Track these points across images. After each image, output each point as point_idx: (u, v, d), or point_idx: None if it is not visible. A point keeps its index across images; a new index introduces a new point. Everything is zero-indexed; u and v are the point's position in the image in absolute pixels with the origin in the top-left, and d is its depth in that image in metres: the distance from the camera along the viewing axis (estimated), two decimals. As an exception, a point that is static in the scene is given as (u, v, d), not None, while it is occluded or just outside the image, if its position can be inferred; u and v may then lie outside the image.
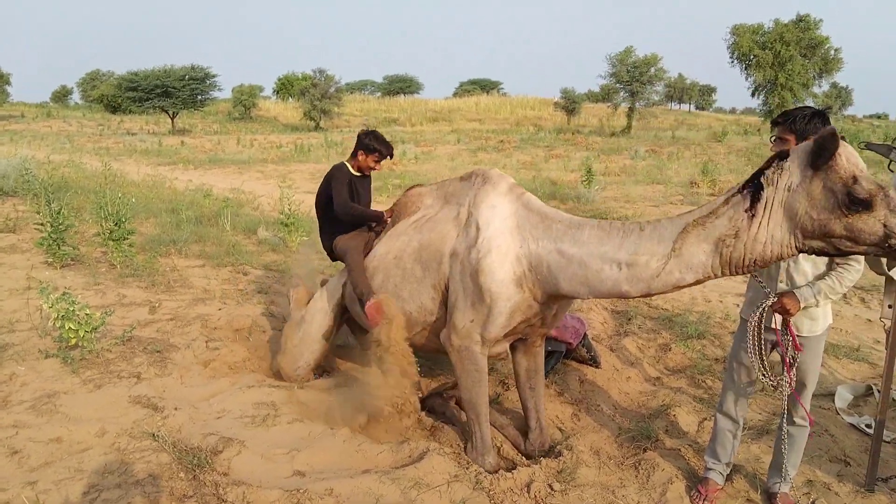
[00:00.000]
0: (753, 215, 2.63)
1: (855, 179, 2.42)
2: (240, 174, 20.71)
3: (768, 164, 2.63)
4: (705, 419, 4.20)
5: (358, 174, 4.54)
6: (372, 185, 4.72)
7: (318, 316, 4.53)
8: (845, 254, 2.57)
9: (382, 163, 4.55)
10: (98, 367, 4.44)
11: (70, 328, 4.40)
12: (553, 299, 3.42)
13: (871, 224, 2.43)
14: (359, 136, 4.51)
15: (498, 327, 3.43)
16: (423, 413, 4.17)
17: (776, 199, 2.59)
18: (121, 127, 47.20)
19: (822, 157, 2.46)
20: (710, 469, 3.44)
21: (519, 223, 3.43)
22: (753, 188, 2.65)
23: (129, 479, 3.21)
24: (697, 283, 2.85)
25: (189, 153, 28.15)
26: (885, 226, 2.41)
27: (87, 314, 4.47)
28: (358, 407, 4.02)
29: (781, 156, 2.61)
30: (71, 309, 4.39)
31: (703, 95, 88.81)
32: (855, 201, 2.42)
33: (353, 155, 4.51)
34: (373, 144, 4.45)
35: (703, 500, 3.36)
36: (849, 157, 2.45)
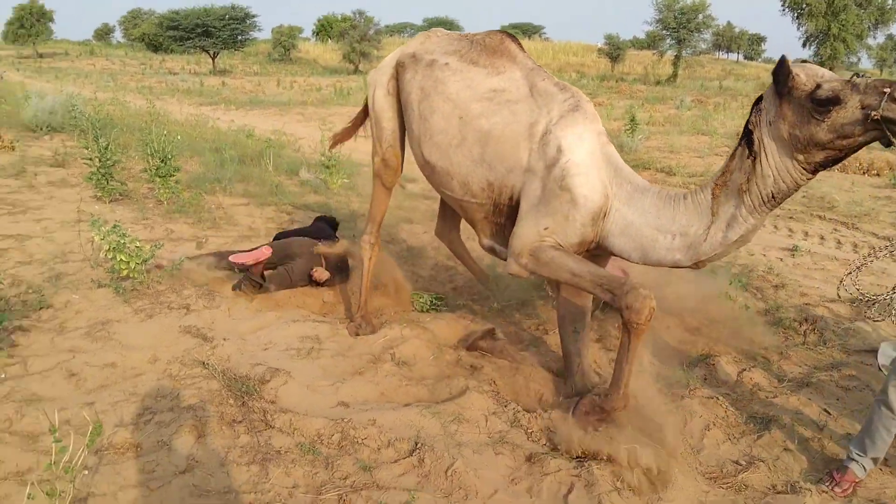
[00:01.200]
0: (754, 158, 2.94)
1: (818, 86, 2.67)
2: (280, 116, 20.78)
3: (751, 112, 2.97)
4: (744, 370, 4.20)
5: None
6: None
7: None
8: (849, 151, 2.75)
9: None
10: (148, 297, 4.58)
11: (121, 260, 4.53)
12: (601, 251, 3.55)
13: (849, 114, 2.62)
14: None
15: (575, 238, 3.41)
16: (465, 352, 4.23)
17: (765, 136, 2.89)
18: (162, 66, 47.43)
19: (780, 82, 2.77)
20: (853, 459, 3.14)
21: (598, 166, 3.42)
22: (747, 136, 2.98)
23: (181, 404, 3.35)
24: (741, 240, 3.10)
25: (230, 94, 28.28)
26: (861, 108, 2.58)
27: (137, 247, 4.59)
28: None
29: (757, 100, 2.96)
30: (122, 241, 4.51)
31: (751, 45, 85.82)
32: (822, 103, 2.64)
33: None
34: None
35: (835, 485, 3.11)
36: (808, 73, 2.73)
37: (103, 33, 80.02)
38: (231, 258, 4.76)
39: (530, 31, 79.84)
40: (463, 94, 3.79)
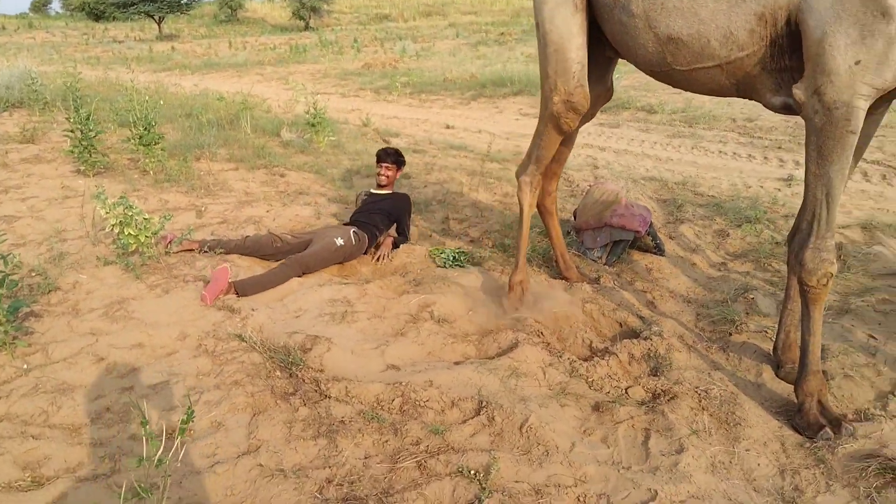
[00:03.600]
0: None
1: None
2: (239, 77, 20.17)
3: None
4: (782, 301, 4.15)
5: (376, 189, 5.35)
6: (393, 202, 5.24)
7: None
8: None
9: (391, 168, 5.29)
10: (161, 272, 4.35)
11: (129, 234, 4.28)
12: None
13: None
14: None
15: (894, 73, 2.61)
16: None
17: None
18: (106, 35, 45.56)
19: None
20: None
21: None
22: None
23: (227, 380, 3.17)
24: None
25: (182, 59, 27.29)
26: None
27: (145, 219, 4.34)
28: None
29: None
30: (129, 215, 4.25)
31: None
32: None
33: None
34: (377, 153, 5.36)
35: None
36: None
37: (40, 5, 76.51)
38: (203, 300, 4.00)
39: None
40: None
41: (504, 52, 23.69)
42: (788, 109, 3.02)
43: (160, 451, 2.24)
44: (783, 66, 2.94)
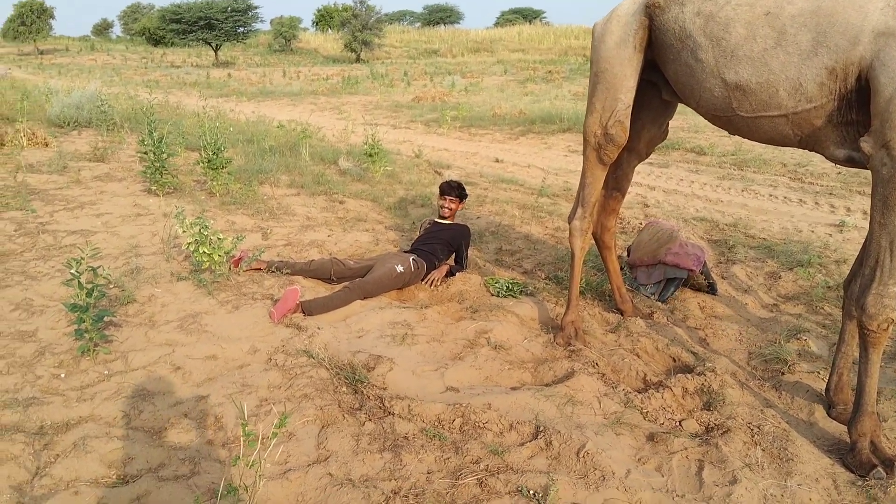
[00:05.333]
0: None
1: None
2: (293, 106, 20.77)
3: None
4: (836, 344, 4.19)
5: (439, 219, 5.54)
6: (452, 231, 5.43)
7: None
8: None
9: (454, 201, 5.52)
10: (231, 289, 4.57)
11: (204, 252, 4.52)
12: None
13: None
14: None
15: None
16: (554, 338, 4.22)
17: None
18: (164, 60, 47.31)
19: None
20: None
21: None
22: None
23: (297, 393, 3.34)
24: None
25: (238, 85, 28.22)
26: None
27: (218, 239, 4.57)
28: None
29: None
30: (205, 234, 4.49)
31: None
32: None
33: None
34: (441, 186, 5.58)
35: None
36: None
37: (102, 28, 79.83)
38: (272, 317, 4.20)
39: (531, 15, 79.40)
40: None
41: (552, 90, 23.98)
42: (851, 162, 3.10)
43: (256, 453, 2.41)
44: (849, 119, 3.01)
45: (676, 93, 3.77)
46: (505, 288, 4.83)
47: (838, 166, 9.61)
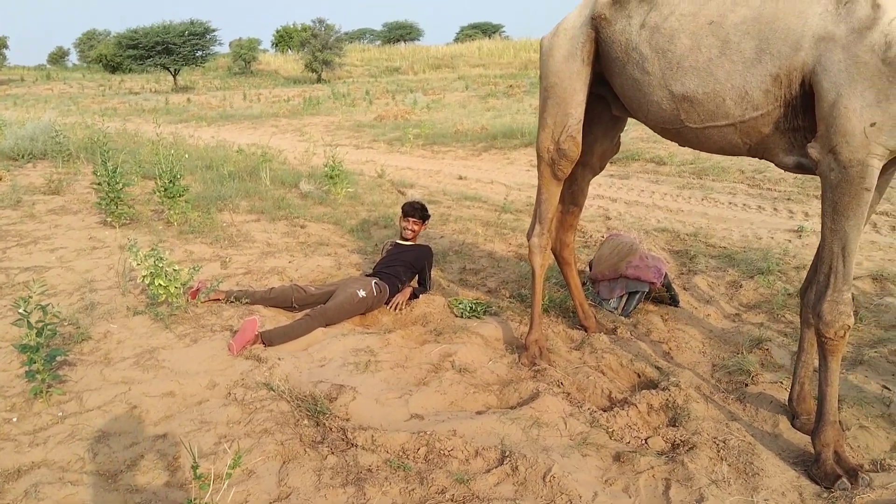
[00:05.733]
0: None
1: None
2: (254, 129, 20.63)
3: None
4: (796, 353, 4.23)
5: (401, 240, 5.46)
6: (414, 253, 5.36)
7: None
8: None
9: (417, 222, 5.42)
10: (189, 322, 4.48)
11: (160, 284, 4.42)
12: None
13: None
14: None
15: None
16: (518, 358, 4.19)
17: None
18: (122, 87, 46.75)
19: None
20: None
21: None
22: None
23: (257, 428, 3.26)
24: None
25: (198, 110, 27.95)
26: None
27: (174, 270, 4.48)
28: None
29: None
30: (160, 266, 4.39)
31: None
32: None
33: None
34: (403, 208, 5.47)
35: None
36: None
37: (58, 57, 78.64)
38: (231, 350, 4.09)
39: (490, 30, 79.92)
40: (701, 0, 3.16)
41: (513, 105, 24.12)
42: (800, 168, 3.11)
43: (209, 494, 2.33)
44: (796, 125, 3.03)
45: (625, 106, 3.78)
46: (469, 308, 4.80)
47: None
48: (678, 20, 3.19)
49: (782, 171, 3.28)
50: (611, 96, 3.93)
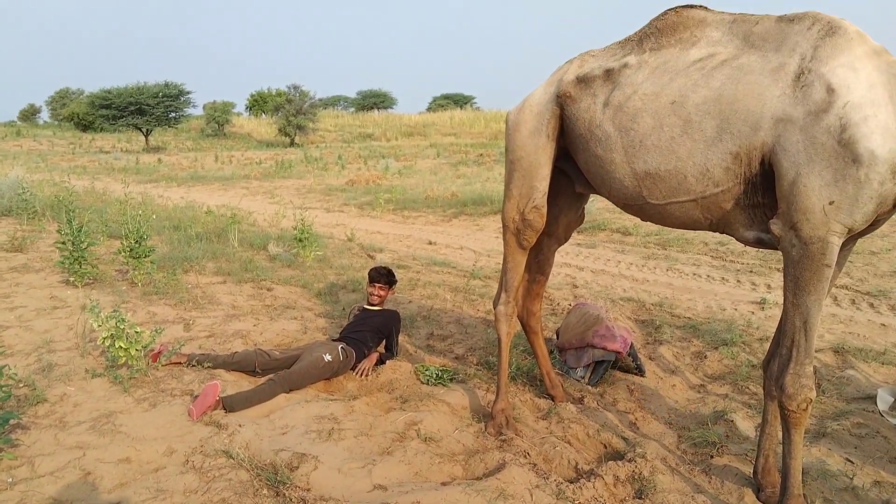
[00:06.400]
0: None
1: None
2: (225, 191, 20.62)
3: None
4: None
5: (368, 305, 5.45)
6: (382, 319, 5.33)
7: None
8: None
9: (384, 288, 5.42)
10: (148, 385, 4.37)
11: (120, 347, 4.33)
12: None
13: None
14: None
15: (865, 214, 2.80)
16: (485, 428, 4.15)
17: None
18: (93, 145, 46.59)
19: None
20: None
21: (887, 100, 2.76)
22: None
23: (214, 498, 3.16)
24: None
25: (168, 171, 27.93)
26: None
27: (136, 332, 4.40)
28: None
29: None
30: (121, 328, 4.31)
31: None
32: None
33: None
34: (370, 273, 5.49)
35: None
36: None
37: (29, 114, 78.34)
38: (190, 415, 3.98)
39: (462, 101, 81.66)
40: (664, 80, 3.22)
41: (483, 172, 24.49)
42: (760, 243, 3.19)
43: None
44: (756, 202, 3.10)
45: (589, 182, 3.86)
46: (435, 376, 4.76)
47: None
48: (641, 99, 3.26)
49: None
50: (574, 172, 4.01)
